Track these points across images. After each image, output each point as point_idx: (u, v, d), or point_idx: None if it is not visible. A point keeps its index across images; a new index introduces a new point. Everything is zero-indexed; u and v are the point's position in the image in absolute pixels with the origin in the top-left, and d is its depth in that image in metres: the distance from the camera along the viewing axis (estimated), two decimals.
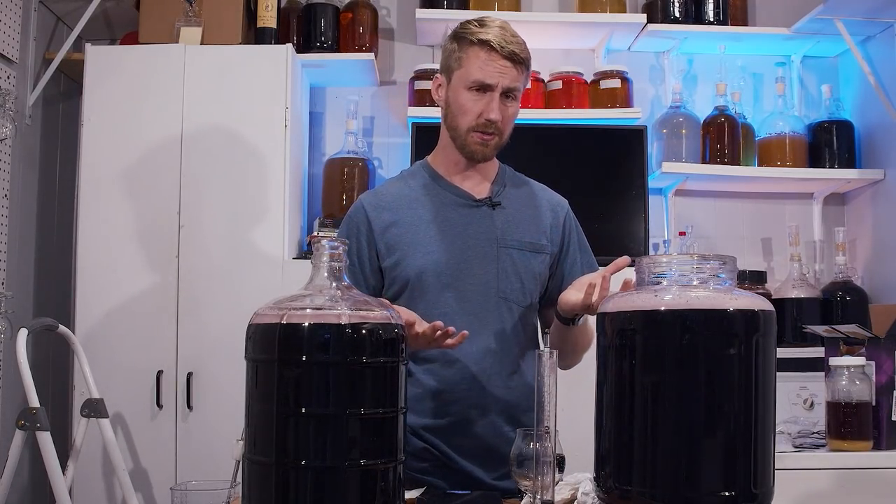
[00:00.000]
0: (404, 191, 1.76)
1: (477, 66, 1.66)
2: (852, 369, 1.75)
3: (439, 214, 1.73)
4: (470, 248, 1.71)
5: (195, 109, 2.66)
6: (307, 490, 1.02)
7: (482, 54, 1.66)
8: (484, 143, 1.70)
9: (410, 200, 1.74)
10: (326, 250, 1.13)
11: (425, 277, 1.67)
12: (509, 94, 1.69)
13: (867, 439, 1.75)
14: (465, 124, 1.69)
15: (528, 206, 1.80)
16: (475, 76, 1.66)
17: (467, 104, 1.67)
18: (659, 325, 1.00)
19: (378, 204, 1.74)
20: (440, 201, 1.74)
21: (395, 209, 1.73)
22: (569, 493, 1.31)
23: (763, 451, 1.00)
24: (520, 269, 1.73)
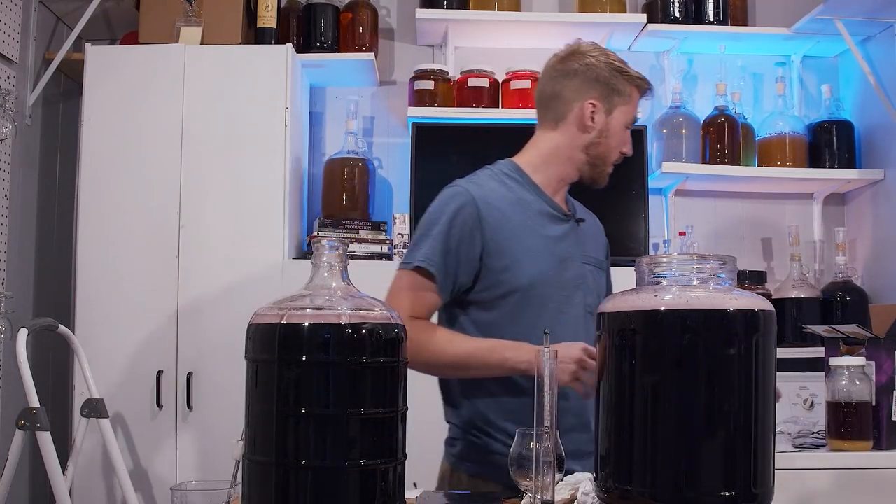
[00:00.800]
0: (507, 192, 1.71)
1: (634, 106, 1.76)
2: (852, 369, 1.75)
3: (542, 225, 1.71)
4: (565, 262, 1.70)
5: (195, 109, 2.66)
6: (307, 490, 1.02)
7: (637, 97, 1.76)
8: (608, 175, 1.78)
9: (514, 203, 1.70)
10: (326, 250, 1.13)
11: (534, 288, 1.64)
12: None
13: (867, 439, 1.75)
14: (612, 155, 1.75)
15: (591, 227, 1.85)
16: (633, 114, 1.76)
17: (623, 139, 1.75)
18: (659, 325, 1.00)
19: (486, 199, 1.67)
20: (540, 211, 1.72)
21: (503, 209, 1.67)
22: (569, 493, 1.31)
23: (763, 451, 1.00)
24: (597, 286, 1.77)
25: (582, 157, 1.74)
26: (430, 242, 1.63)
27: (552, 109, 1.76)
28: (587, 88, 1.72)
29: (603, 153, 1.74)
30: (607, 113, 1.72)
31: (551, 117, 1.77)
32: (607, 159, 1.74)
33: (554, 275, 1.67)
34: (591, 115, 1.72)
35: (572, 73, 1.73)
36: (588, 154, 1.74)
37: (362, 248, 2.73)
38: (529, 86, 2.93)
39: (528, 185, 1.74)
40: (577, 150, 1.74)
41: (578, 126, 1.73)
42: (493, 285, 1.65)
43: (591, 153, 1.74)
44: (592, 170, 1.75)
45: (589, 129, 1.72)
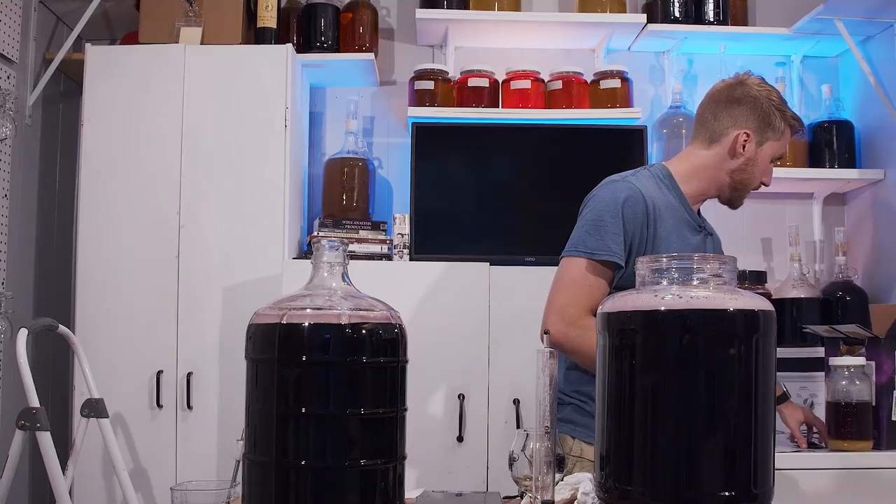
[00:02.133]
0: (663, 195, 1.83)
1: (784, 144, 1.88)
2: (852, 369, 1.75)
3: (685, 231, 1.83)
4: None
5: (195, 109, 2.66)
6: (307, 490, 1.02)
7: (790, 136, 1.89)
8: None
9: (668, 206, 1.81)
10: (326, 250, 1.13)
11: None
12: None
13: (867, 439, 1.75)
14: (755, 182, 1.87)
15: (716, 242, 1.97)
16: (781, 150, 1.88)
17: (768, 171, 1.87)
18: (659, 325, 1.00)
19: (652, 197, 1.77)
20: (685, 220, 1.84)
21: (661, 209, 1.78)
22: (569, 493, 1.31)
23: (763, 451, 1.00)
24: None
25: (726, 179, 1.87)
26: (610, 233, 1.71)
27: (709, 130, 1.87)
28: (745, 118, 1.84)
29: (746, 180, 1.86)
30: (758, 144, 1.84)
31: (707, 136, 1.88)
32: (748, 186, 1.87)
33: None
34: (743, 143, 1.84)
35: (735, 101, 1.85)
36: (732, 178, 1.87)
37: (362, 248, 2.73)
38: (529, 86, 2.93)
39: (676, 192, 1.85)
40: (723, 172, 1.86)
41: (729, 151, 1.85)
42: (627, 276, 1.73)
43: (734, 178, 1.87)
44: (732, 193, 1.89)
45: (738, 155, 1.84)
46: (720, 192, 1.89)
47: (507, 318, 2.51)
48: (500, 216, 2.81)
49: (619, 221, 1.71)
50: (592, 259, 1.70)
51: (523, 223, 2.84)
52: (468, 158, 2.87)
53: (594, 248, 1.70)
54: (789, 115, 1.86)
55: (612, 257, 1.70)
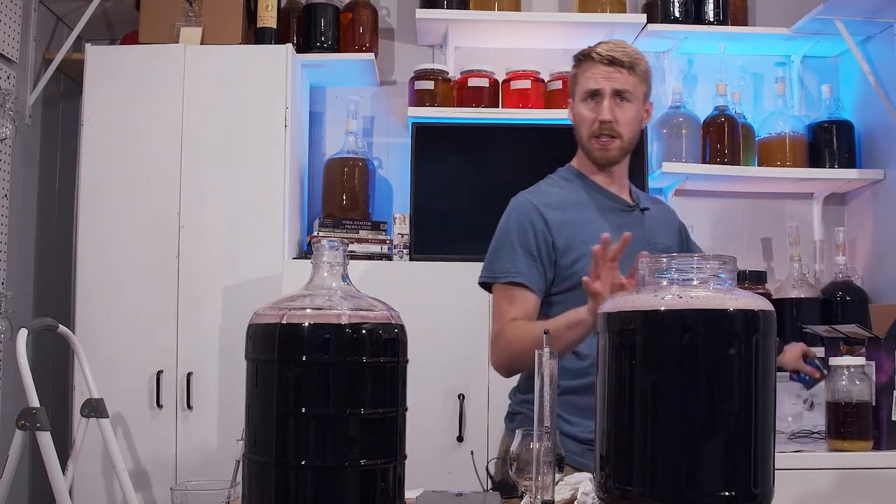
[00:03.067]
0: (566, 193, 1.85)
1: (585, 77, 1.82)
2: (852, 369, 1.75)
3: (604, 217, 1.81)
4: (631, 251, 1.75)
5: (195, 109, 2.66)
6: (307, 490, 1.02)
7: (588, 66, 1.82)
8: (603, 147, 1.82)
9: (575, 202, 1.83)
10: (326, 250, 1.13)
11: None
12: (621, 96, 1.80)
13: (867, 439, 1.75)
14: (585, 133, 1.83)
15: (658, 213, 1.93)
16: (585, 86, 1.82)
17: (584, 113, 1.82)
18: (659, 325, 1.00)
19: (548, 203, 1.80)
20: (601, 205, 1.84)
21: (564, 209, 1.80)
22: (569, 493, 1.31)
23: (763, 451, 0.99)
24: None
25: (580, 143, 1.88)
26: (509, 253, 1.76)
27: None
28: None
29: (578, 137, 1.86)
30: (573, 102, 1.86)
31: None
32: (582, 139, 1.85)
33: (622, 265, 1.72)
34: (570, 113, 1.88)
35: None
36: (579, 143, 1.88)
37: (362, 248, 2.73)
38: (529, 86, 2.93)
39: (586, 185, 1.86)
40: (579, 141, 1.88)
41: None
42: (565, 279, 1.76)
43: (578, 141, 1.87)
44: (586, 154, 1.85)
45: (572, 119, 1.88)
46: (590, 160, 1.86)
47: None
48: (501, 216, 2.81)
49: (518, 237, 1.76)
50: (505, 283, 1.75)
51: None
52: (468, 158, 2.87)
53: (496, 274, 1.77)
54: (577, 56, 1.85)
55: (510, 278, 1.74)
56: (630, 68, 1.81)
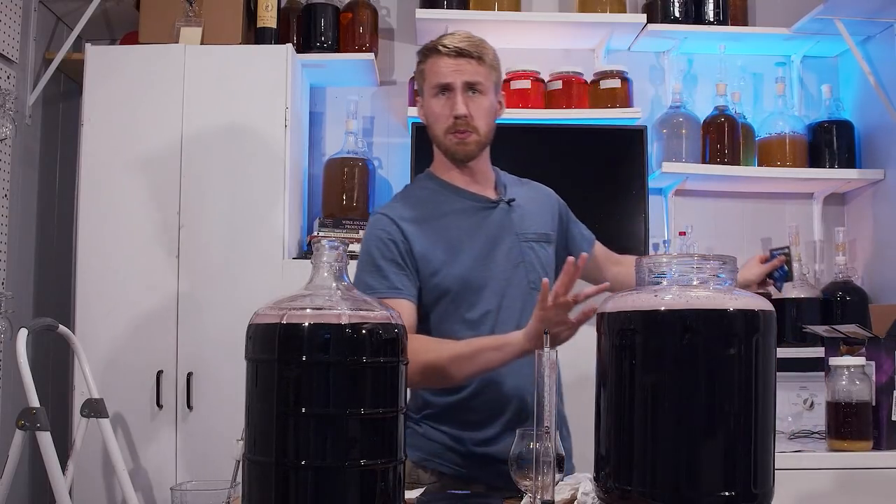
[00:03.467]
0: (422, 202, 1.81)
1: (433, 71, 1.76)
2: (852, 369, 1.75)
3: (463, 220, 1.78)
4: (498, 247, 1.77)
5: (195, 109, 2.66)
6: (307, 490, 1.02)
7: (435, 60, 1.76)
8: (461, 141, 1.76)
9: (431, 210, 1.79)
10: (326, 250, 1.13)
11: (465, 281, 1.72)
12: (473, 88, 1.75)
13: (867, 439, 1.75)
14: (440, 128, 1.77)
15: (532, 201, 1.88)
16: (435, 81, 1.75)
17: (437, 109, 1.76)
18: (659, 325, 1.00)
19: (402, 216, 1.76)
20: (460, 207, 1.80)
21: (420, 220, 1.76)
22: (569, 493, 1.31)
23: (763, 451, 1.00)
24: (542, 259, 1.82)
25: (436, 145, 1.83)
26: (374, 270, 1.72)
27: None
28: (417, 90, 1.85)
29: (432, 133, 1.81)
30: (422, 99, 1.81)
31: None
32: (437, 136, 1.80)
33: (484, 264, 1.75)
34: (419, 111, 1.84)
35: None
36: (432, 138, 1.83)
37: None
38: (529, 86, 2.93)
39: (442, 188, 1.82)
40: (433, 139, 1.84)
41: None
42: (430, 290, 1.73)
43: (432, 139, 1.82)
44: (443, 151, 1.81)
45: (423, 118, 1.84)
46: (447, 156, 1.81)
47: None
48: None
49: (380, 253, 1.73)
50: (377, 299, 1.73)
51: None
52: None
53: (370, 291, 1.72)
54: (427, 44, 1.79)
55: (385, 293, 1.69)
56: (479, 59, 1.75)
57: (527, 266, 1.77)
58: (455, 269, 1.72)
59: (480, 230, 1.77)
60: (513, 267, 1.76)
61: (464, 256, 1.74)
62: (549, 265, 1.83)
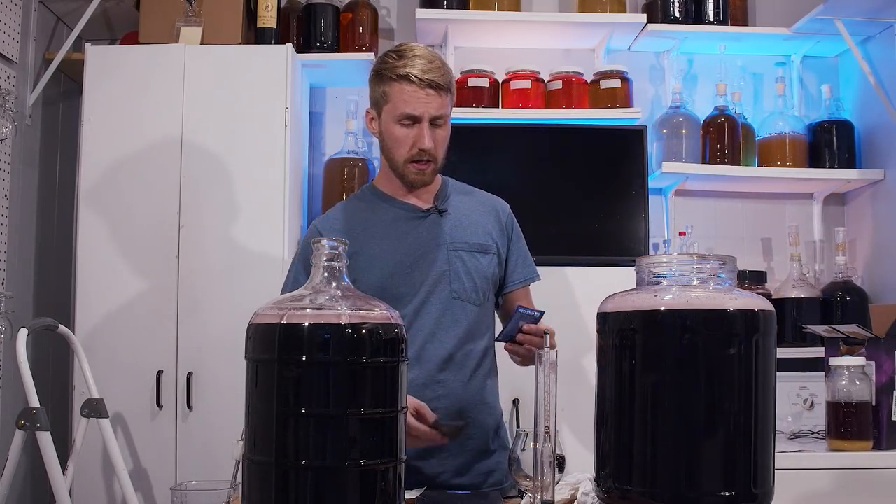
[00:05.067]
0: (354, 213, 1.85)
1: (402, 99, 1.72)
2: (852, 369, 1.75)
3: (390, 229, 1.80)
4: (421, 255, 1.79)
5: (195, 109, 2.66)
6: (307, 490, 1.02)
7: (406, 87, 1.72)
8: (420, 171, 1.78)
9: (361, 220, 1.82)
10: (326, 250, 1.13)
11: (383, 291, 1.72)
12: (437, 120, 1.75)
13: (867, 439, 1.75)
14: (401, 156, 1.77)
15: (472, 211, 1.88)
16: (401, 110, 1.73)
17: (400, 136, 1.75)
18: (659, 325, 1.00)
19: (331, 227, 1.81)
20: (389, 217, 1.82)
21: (348, 230, 1.79)
22: (569, 493, 1.31)
23: (763, 451, 1.00)
24: (471, 270, 1.81)
25: (387, 162, 1.82)
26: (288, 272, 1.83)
27: None
28: (370, 97, 1.81)
29: (389, 157, 1.79)
30: (378, 117, 1.79)
31: None
32: (395, 161, 1.78)
33: (407, 273, 1.77)
34: (370, 123, 1.82)
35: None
36: (387, 160, 1.81)
37: None
38: (529, 86, 2.93)
39: (378, 198, 1.85)
40: (384, 156, 1.82)
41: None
42: None
43: (387, 158, 1.81)
44: (396, 173, 1.80)
45: (375, 134, 1.82)
46: (400, 179, 1.80)
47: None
48: None
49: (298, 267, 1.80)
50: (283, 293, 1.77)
51: (522, 223, 2.82)
52: (468, 158, 2.86)
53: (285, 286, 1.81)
54: (391, 64, 1.73)
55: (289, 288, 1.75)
56: (447, 90, 1.75)
57: (451, 276, 1.78)
58: (372, 277, 1.74)
59: (407, 239, 1.79)
60: (437, 276, 1.77)
61: (383, 265, 1.76)
62: (482, 275, 1.81)
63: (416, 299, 1.76)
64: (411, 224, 1.81)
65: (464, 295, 1.78)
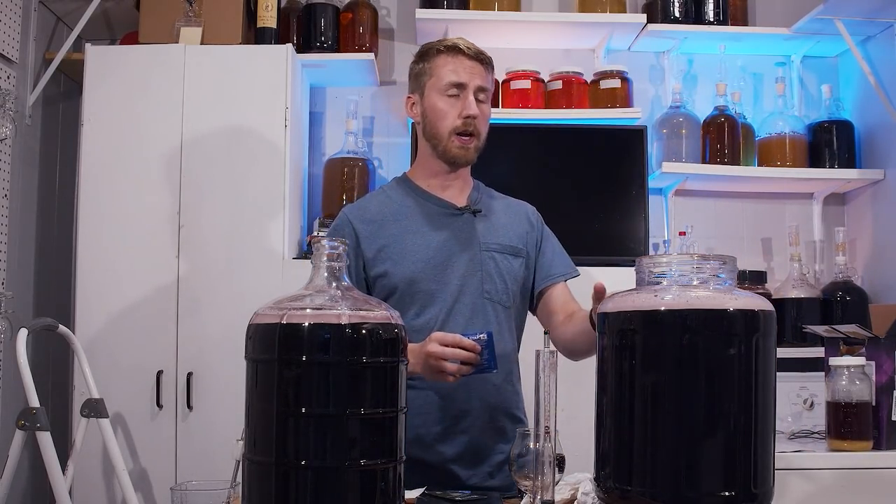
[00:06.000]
0: (387, 203, 1.83)
1: (448, 69, 1.77)
2: (852, 369, 1.75)
3: (424, 223, 1.79)
4: (455, 253, 1.78)
5: (195, 109, 2.66)
6: (307, 490, 1.02)
7: (451, 59, 1.77)
8: (464, 146, 1.78)
9: (394, 212, 1.81)
10: (326, 250, 1.13)
11: (414, 285, 1.73)
12: (481, 93, 1.78)
13: (867, 439, 1.75)
14: (446, 128, 1.78)
15: (504, 214, 1.89)
16: (448, 79, 1.77)
17: (445, 108, 1.77)
18: (659, 325, 1.00)
19: (363, 217, 1.80)
20: (424, 211, 1.81)
21: (380, 221, 1.78)
22: (569, 493, 1.31)
23: (763, 451, 1.00)
24: (503, 271, 1.80)
25: (427, 145, 1.83)
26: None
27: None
28: (409, 90, 1.87)
29: (433, 132, 1.80)
30: (422, 97, 1.81)
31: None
32: (440, 134, 1.79)
33: (441, 270, 1.76)
34: (411, 109, 1.85)
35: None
36: (429, 141, 1.82)
37: None
38: (529, 86, 2.93)
39: (413, 191, 1.85)
40: (424, 142, 1.84)
41: (415, 123, 1.86)
42: (379, 291, 1.76)
43: (428, 139, 1.82)
44: (439, 151, 1.80)
45: (417, 121, 1.84)
46: (441, 158, 1.81)
47: None
48: None
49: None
50: None
51: None
52: None
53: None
54: (430, 47, 1.80)
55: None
56: (490, 67, 1.81)
57: (484, 275, 1.77)
58: (404, 270, 1.74)
59: (441, 236, 1.79)
60: (470, 275, 1.77)
61: (416, 259, 1.75)
62: (512, 277, 1.82)
63: (447, 297, 1.74)
64: (445, 221, 1.81)
65: (495, 296, 1.77)
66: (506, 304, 1.79)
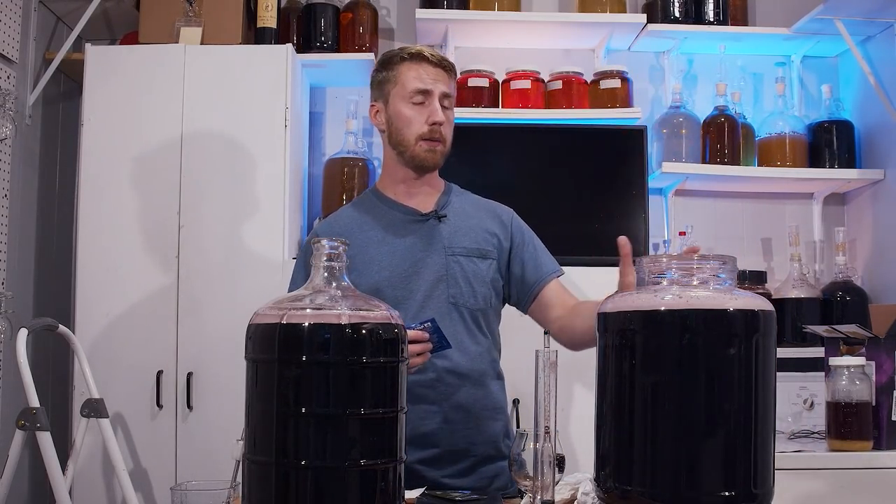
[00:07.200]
0: (354, 216, 1.86)
1: (413, 76, 1.78)
2: (852, 369, 1.75)
3: (388, 232, 1.81)
4: (419, 260, 1.79)
5: (195, 109, 2.66)
6: (307, 490, 1.02)
7: (415, 66, 1.79)
8: (431, 149, 1.79)
9: (360, 224, 1.83)
10: (326, 250, 1.13)
11: (379, 293, 1.72)
12: (445, 99, 1.79)
13: (867, 439, 1.75)
14: (412, 134, 1.79)
15: (472, 216, 1.88)
16: (413, 86, 1.78)
17: (411, 114, 1.78)
18: (659, 325, 1.00)
19: (331, 231, 1.82)
20: (388, 220, 1.83)
21: (348, 234, 1.78)
22: (569, 493, 1.31)
23: (763, 451, 0.99)
24: (468, 274, 1.80)
25: (393, 152, 1.84)
26: (294, 285, 1.86)
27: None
28: (372, 98, 1.87)
29: (399, 139, 1.81)
30: (386, 105, 1.82)
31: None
32: (406, 141, 1.80)
33: (404, 277, 1.77)
34: (375, 116, 1.86)
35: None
36: (395, 148, 1.83)
37: None
38: (529, 86, 2.93)
39: (380, 200, 1.87)
40: (389, 149, 1.85)
41: (380, 131, 1.87)
42: None
43: (394, 146, 1.83)
44: (405, 158, 1.81)
45: (382, 129, 1.85)
46: (406, 164, 1.82)
47: (506, 318, 2.51)
48: None
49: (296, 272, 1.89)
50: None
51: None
52: (468, 158, 2.86)
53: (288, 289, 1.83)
54: (392, 54, 1.81)
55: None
56: (453, 73, 1.83)
57: (449, 280, 1.78)
58: (368, 279, 1.75)
59: (405, 243, 1.80)
60: (436, 281, 1.78)
61: (380, 267, 1.77)
62: (479, 280, 1.81)
63: (413, 304, 1.75)
64: (410, 227, 1.82)
65: (461, 300, 1.78)
66: (473, 308, 1.80)
